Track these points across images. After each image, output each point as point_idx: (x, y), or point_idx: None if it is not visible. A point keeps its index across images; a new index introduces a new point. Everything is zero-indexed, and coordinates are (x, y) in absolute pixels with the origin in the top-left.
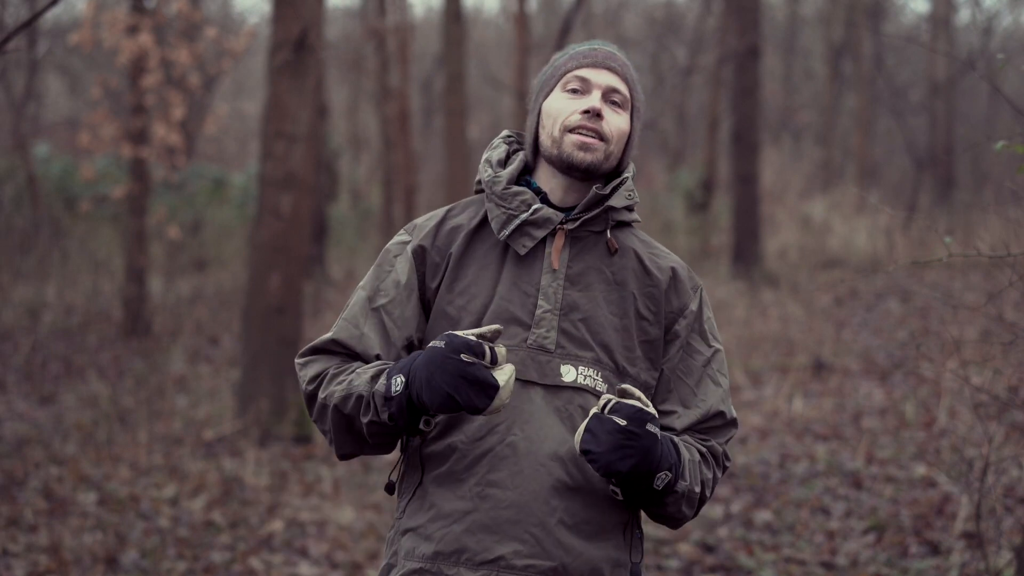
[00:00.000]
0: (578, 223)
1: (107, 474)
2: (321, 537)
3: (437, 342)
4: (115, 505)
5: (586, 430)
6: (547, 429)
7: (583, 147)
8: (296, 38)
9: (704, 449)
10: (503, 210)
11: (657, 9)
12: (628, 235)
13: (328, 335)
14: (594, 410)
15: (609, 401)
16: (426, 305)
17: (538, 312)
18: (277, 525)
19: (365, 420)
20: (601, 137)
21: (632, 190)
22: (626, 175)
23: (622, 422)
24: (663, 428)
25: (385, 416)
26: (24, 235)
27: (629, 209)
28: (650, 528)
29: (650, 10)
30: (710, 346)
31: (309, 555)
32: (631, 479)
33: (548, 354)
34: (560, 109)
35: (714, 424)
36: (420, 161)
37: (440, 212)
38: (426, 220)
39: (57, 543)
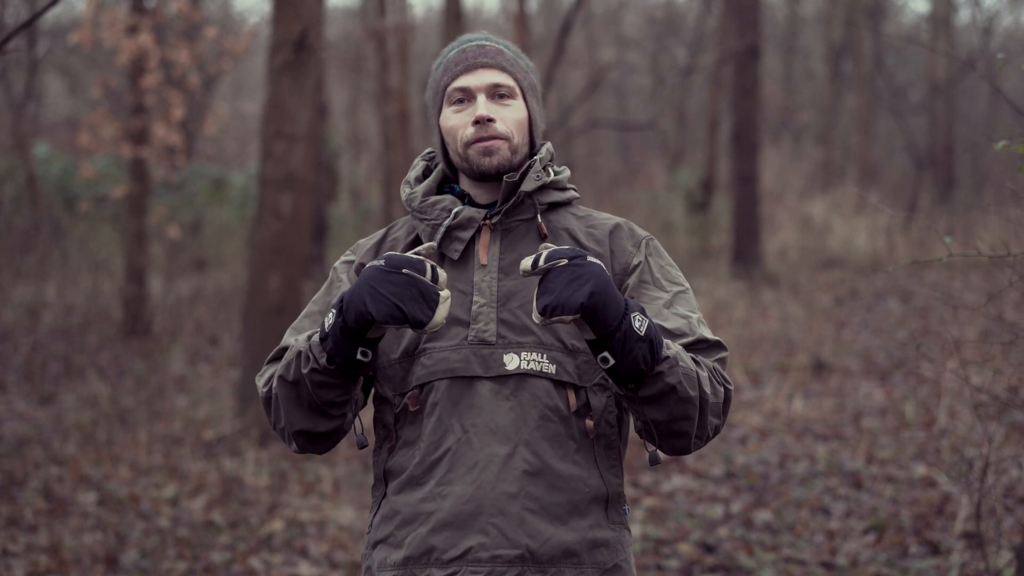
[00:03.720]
0: (499, 215)
1: (107, 474)
2: (321, 537)
3: (377, 261)
4: (115, 505)
5: (538, 296)
6: (498, 419)
7: (487, 152)
8: (296, 38)
9: (694, 356)
10: (427, 223)
11: (657, 9)
12: (563, 215)
13: (275, 349)
14: (522, 274)
15: (539, 254)
16: None
17: (474, 308)
18: (277, 525)
19: (306, 371)
20: (500, 136)
21: (539, 171)
22: (535, 158)
23: (563, 260)
24: None
25: (324, 360)
26: (24, 235)
27: (559, 188)
28: (650, 528)
29: (650, 10)
30: (667, 291)
31: (309, 555)
32: (599, 318)
33: (490, 346)
34: (453, 126)
35: (697, 348)
36: None
37: (381, 232)
38: (368, 240)
39: (57, 543)
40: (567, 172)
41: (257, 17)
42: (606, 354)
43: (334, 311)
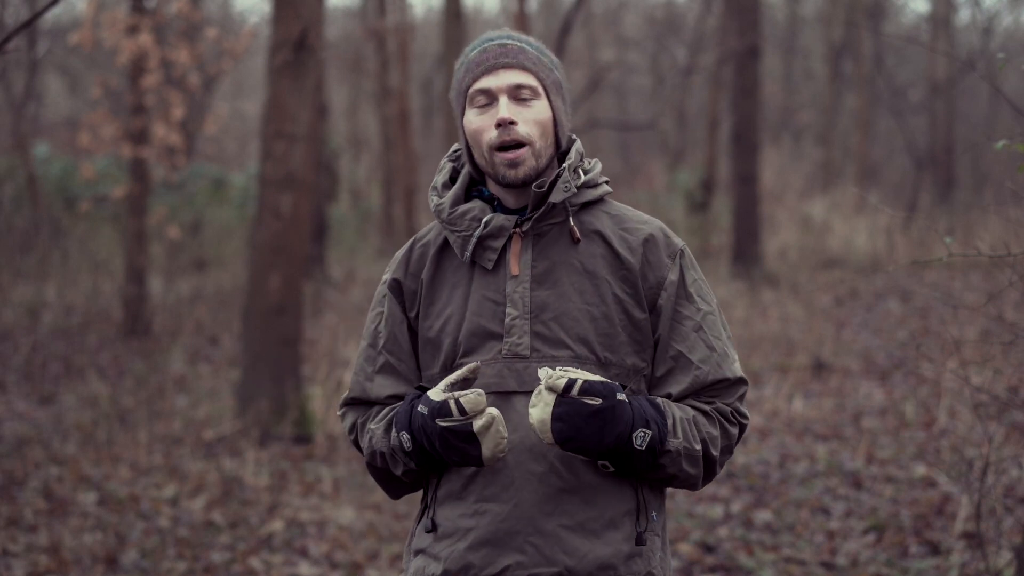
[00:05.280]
0: (531, 223)
1: (107, 474)
2: (321, 537)
3: (423, 408)
4: (115, 505)
5: (556, 418)
6: (533, 436)
7: (512, 164)
8: (296, 38)
9: (706, 408)
10: (457, 234)
11: (657, 9)
12: (596, 214)
13: (347, 393)
14: (547, 391)
15: (574, 381)
16: (413, 333)
17: (507, 320)
18: (277, 525)
19: (399, 472)
20: (523, 143)
21: (568, 181)
22: (564, 166)
23: (596, 401)
24: (661, 396)
25: (412, 465)
26: (24, 235)
27: (591, 186)
28: None
29: (650, 10)
30: (699, 309)
31: (309, 555)
32: (611, 453)
33: (524, 360)
34: (477, 130)
35: (717, 389)
36: (420, 161)
37: (411, 240)
38: (400, 251)
39: (57, 543)
40: (599, 166)
41: (257, 17)
42: (605, 461)
43: (408, 436)
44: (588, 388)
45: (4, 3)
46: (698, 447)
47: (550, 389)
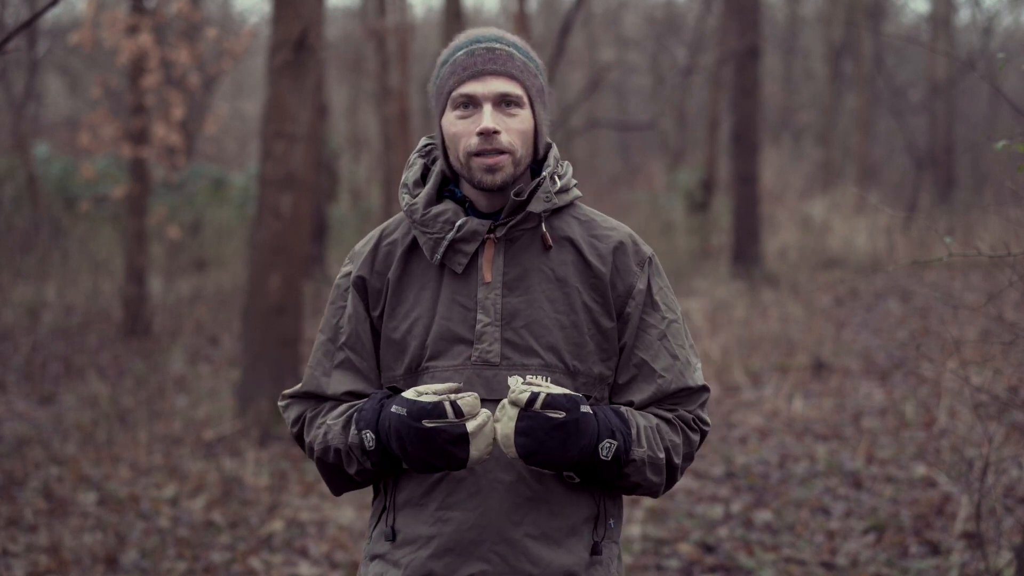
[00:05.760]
0: (506, 229)
1: (107, 474)
2: (321, 537)
3: (399, 408)
4: (115, 505)
5: (520, 433)
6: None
7: (490, 170)
8: (296, 38)
9: (669, 416)
10: (428, 236)
11: (657, 9)
12: (566, 220)
13: (299, 386)
14: (510, 405)
15: (536, 395)
16: (376, 332)
17: (478, 327)
18: (277, 525)
19: (352, 471)
20: (504, 150)
21: (549, 191)
22: (544, 175)
23: (559, 415)
24: (623, 403)
25: (369, 465)
26: (24, 235)
27: (563, 191)
28: (650, 528)
29: (650, 10)
30: (664, 317)
31: (309, 555)
32: (576, 467)
33: (493, 368)
34: (457, 133)
35: (680, 397)
36: None
37: (376, 233)
38: (363, 245)
39: (57, 543)
40: (570, 170)
41: (257, 17)
42: (571, 472)
43: (372, 435)
44: (551, 401)
45: (4, 3)
46: (662, 455)
47: (513, 404)
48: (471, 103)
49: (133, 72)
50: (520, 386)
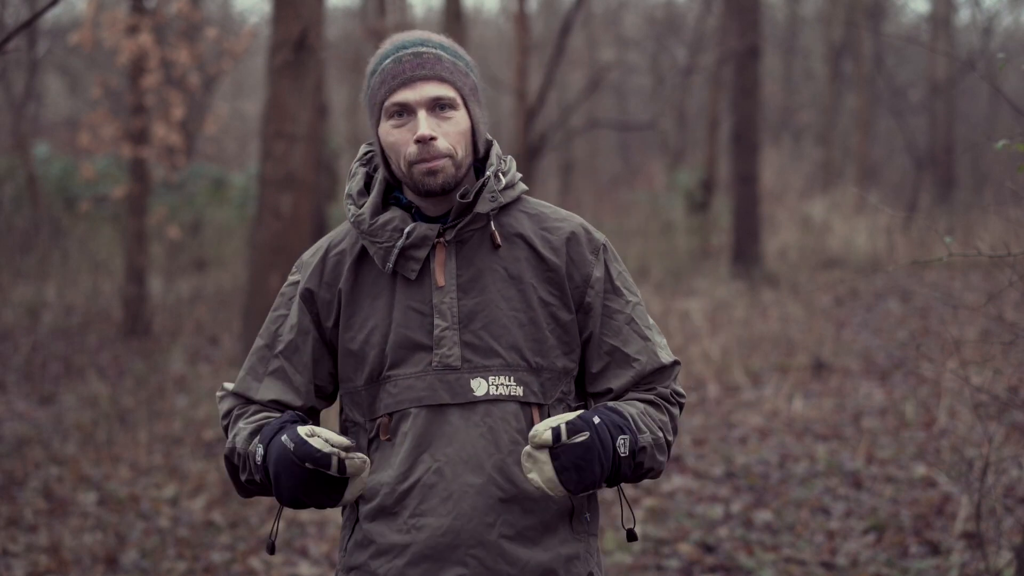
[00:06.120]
0: (455, 231)
1: (107, 474)
2: (321, 537)
3: (288, 441)
4: (115, 505)
5: (561, 471)
6: (469, 448)
7: (431, 173)
8: (296, 38)
9: (650, 397)
10: (378, 245)
11: (657, 9)
12: (515, 215)
13: (231, 386)
14: (536, 450)
15: (558, 429)
16: (329, 344)
17: (436, 332)
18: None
19: (243, 478)
20: (442, 155)
21: (494, 190)
22: (487, 174)
23: (583, 436)
24: (603, 393)
25: (257, 478)
26: (24, 235)
27: (509, 187)
28: (650, 528)
29: (650, 10)
30: (628, 301)
31: (309, 555)
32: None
33: (455, 371)
34: (395, 143)
35: (655, 376)
36: None
37: (323, 243)
38: (311, 255)
39: (57, 543)
40: (514, 164)
41: (257, 17)
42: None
43: (262, 452)
44: (572, 428)
45: (4, 3)
46: (661, 434)
47: (539, 447)
48: (405, 111)
49: (133, 72)
50: (539, 428)
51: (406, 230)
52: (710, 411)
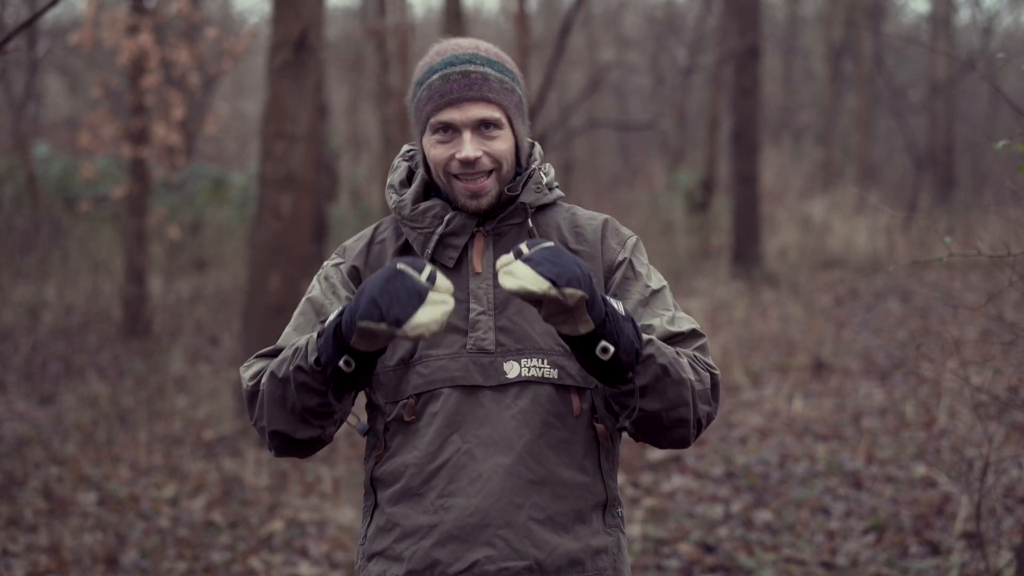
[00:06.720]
0: (495, 222)
1: (107, 474)
2: (321, 537)
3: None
4: (115, 505)
5: (534, 264)
6: (501, 429)
7: (474, 196)
8: (296, 38)
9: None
10: (418, 231)
11: (657, 9)
12: (551, 216)
13: (270, 347)
14: (506, 266)
15: (519, 245)
16: None
17: (472, 316)
18: (277, 525)
19: (292, 368)
20: (487, 171)
21: (539, 182)
22: (533, 165)
23: (549, 243)
24: None
25: (312, 359)
26: (24, 235)
27: (547, 188)
28: (650, 528)
29: (650, 10)
30: (647, 286)
31: (309, 555)
32: (595, 301)
33: (489, 355)
34: (437, 156)
35: (673, 342)
36: None
37: (368, 232)
38: (356, 241)
39: (57, 543)
40: (552, 171)
41: (257, 17)
42: (604, 343)
43: (339, 309)
44: (534, 243)
45: (4, 3)
46: (684, 375)
47: (509, 262)
48: (450, 128)
49: (133, 72)
50: (504, 257)
51: (446, 217)
52: None
